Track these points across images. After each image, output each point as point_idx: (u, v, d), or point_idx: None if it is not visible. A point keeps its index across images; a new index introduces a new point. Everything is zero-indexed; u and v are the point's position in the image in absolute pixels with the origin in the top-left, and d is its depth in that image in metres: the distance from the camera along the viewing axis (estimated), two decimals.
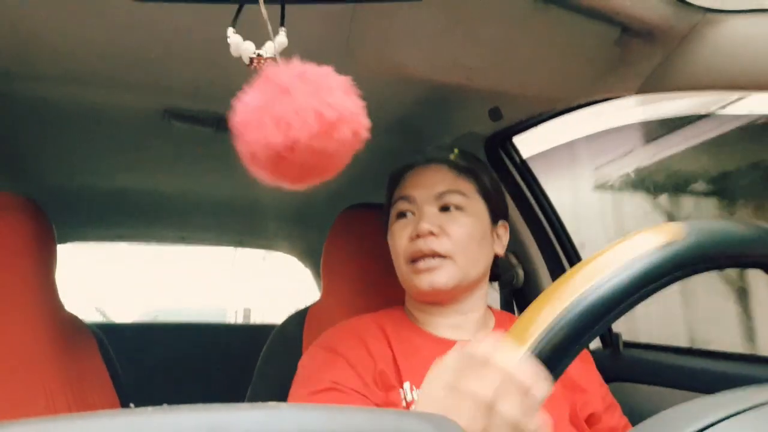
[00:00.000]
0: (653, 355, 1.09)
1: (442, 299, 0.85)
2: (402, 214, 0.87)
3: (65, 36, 0.85)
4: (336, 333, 0.86)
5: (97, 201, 1.68)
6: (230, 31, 0.43)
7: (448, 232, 0.82)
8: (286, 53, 0.44)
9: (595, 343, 1.19)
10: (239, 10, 0.45)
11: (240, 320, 8.11)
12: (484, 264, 0.87)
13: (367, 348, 0.81)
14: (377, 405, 0.75)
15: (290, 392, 0.81)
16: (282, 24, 0.45)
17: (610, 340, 1.16)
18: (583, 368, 0.86)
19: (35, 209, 0.99)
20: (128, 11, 0.79)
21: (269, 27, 0.43)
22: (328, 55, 0.89)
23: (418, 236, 0.82)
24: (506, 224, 0.93)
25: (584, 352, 0.91)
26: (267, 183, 0.43)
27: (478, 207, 0.87)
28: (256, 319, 8.19)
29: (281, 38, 0.44)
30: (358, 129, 0.40)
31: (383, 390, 0.77)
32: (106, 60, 0.92)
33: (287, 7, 0.48)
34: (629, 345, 1.16)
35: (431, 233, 0.82)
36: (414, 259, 0.83)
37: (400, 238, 0.85)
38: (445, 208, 0.85)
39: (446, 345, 0.83)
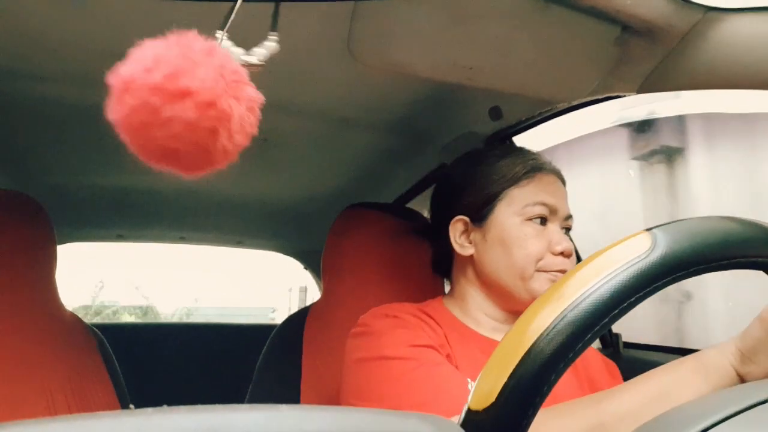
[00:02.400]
0: (653, 356, 1.09)
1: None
2: (543, 221, 0.85)
3: (66, 35, 0.85)
4: (392, 308, 0.82)
5: (96, 200, 1.68)
6: (220, 34, 0.43)
7: (571, 257, 0.84)
8: (286, 51, 0.44)
9: (595, 344, 1.19)
10: (231, 13, 0.44)
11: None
12: None
13: (428, 329, 0.79)
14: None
15: (361, 351, 0.77)
16: (274, 28, 0.45)
17: (610, 340, 1.16)
18: (611, 383, 0.85)
19: (35, 207, 0.98)
20: (128, 11, 0.79)
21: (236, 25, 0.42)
22: (327, 54, 0.90)
23: (561, 254, 0.82)
24: None
25: (613, 366, 0.90)
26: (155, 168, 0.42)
27: None
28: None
29: (271, 43, 0.43)
30: (219, 128, 0.38)
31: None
32: (107, 59, 0.92)
33: (287, 5, 0.48)
34: (629, 345, 1.16)
35: (568, 256, 0.83)
36: (549, 271, 0.82)
37: (537, 244, 0.83)
38: (566, 230, 0.87)
39: (492, 344, 0.82)
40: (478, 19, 0.74)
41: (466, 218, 0.88)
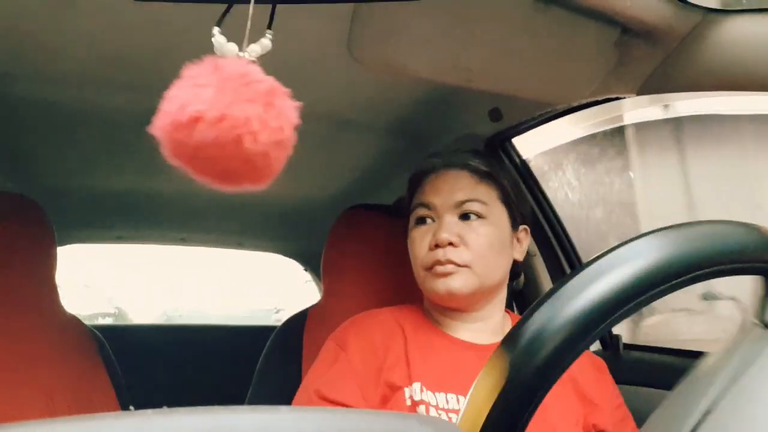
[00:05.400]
0: (653, 357, 1.09)
1: (459, 304, 0.85)
2: (421, 220, 0.87)
3: (65, 37, 0.85)
4: (350, 328, 0.86)
5: (96, 202, 1.68)
6: (215, 30, 0.43)
7: (467, 242, 0.82)
8: (286, 52, 0.44)
9: (595, 345, 1.19)
10: (227, 10, 0.45)
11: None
12: (502, 271, 0.86)
13: (377, 345, 0.82)
14: (371, 407, 0.76)
15: (302, 384, 0.84)
16: (270, 27, 0.45)
17: (610, 342, 1.16)
18: (597, 379, 0.86)
19: (35, 209, 0.99)
20: (128, 11, 0.79)
21: (248, 26, 0.42)
22: (328, 57, 0.90)
23: (437, 245, 0.82)
24: (527, 229, 0.92)
25: (600, 363, 0.90)
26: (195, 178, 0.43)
27: (498, 214, 0.86)
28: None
29: (265, 41, 0.44)
30: (241, 135, 0.38)
31: (386, 390, 0.78)
32: (106, 61, 0.92)
33: (287, 8, 0.48)
34: (629, 347, 1.15)
35: (450, 243, 0.82)
36: (431, 267, 0.83)
37: (420, 246, 0.85)
38: (464, 216, 0.85)
39: (465, 347, 0.84)
40: (477, 21, 0.74)
41: None
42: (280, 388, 1.06)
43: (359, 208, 1.16)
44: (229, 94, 0.39)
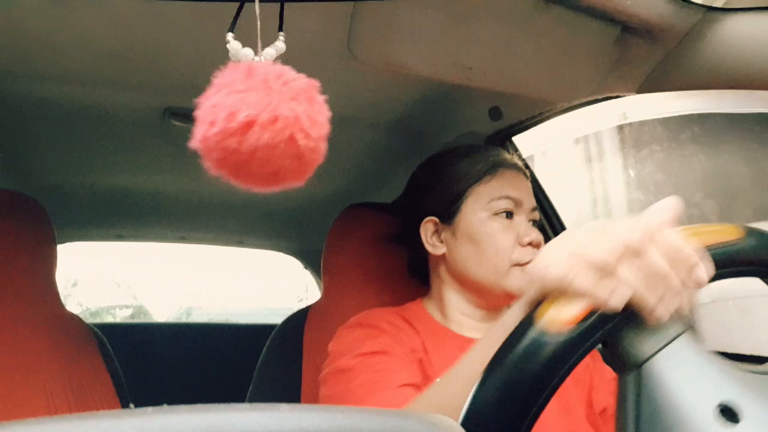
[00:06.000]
0: None
1: (508, 304, 0.85)
2: (509, 214, 0.86)
3: (66, 35, 0.85)
4: (368, 315, 0.85)
5: (96, 200, 1.68)
6: (229, 36, 0.43)
7: (539, 248, 0.84)
8: (287, 52, 0.44)
9: None
10: (238, 14, 0.45)
11: None
12: None
13: (401, 336, 0.81)
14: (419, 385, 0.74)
15: (328, 364, 0.80)
16: (280, 29, 0.45)
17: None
18: (591, 364, 0.87)
19: (35, 207, 0.98)
20: (128, 10, 0.79)
21: (258, 29, 0.42)
22: (327, 54, 0.90)
23: (530, 244, 0.83)
24: None
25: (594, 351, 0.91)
26: (227, 180, 0.43)
27: None
28: None
29: (280, 44, 0.44)
30: (294, 133, 0.40)
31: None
32: (106, 59, 0.92)
33: (287, 6, 0.48)
34: None
35: (538, 246, 0.84)
36: (521, 264, 0.83)
37: (505, 239, 0.84)
38: (533, 223, 0.87)
39: (471, 344, 0.83)
40: (478, 19, 0.74)
41: (436, 218, 0.89)
42: (281, 386, 1.07)
43: (360, 206, 1.16)
44: (274, 96, 0.40)
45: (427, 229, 0.90)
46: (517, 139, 1.20)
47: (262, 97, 0.39)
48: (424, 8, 0.71)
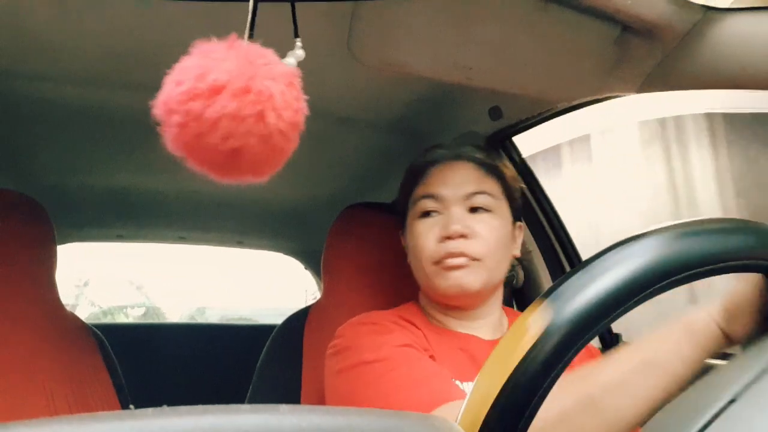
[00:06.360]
0: None
1: (465, 302, 0.83)
2: (427, 213, 0.84)
3: (66, 36, 0.85)
4: (369, 316, 0.83)
5: (96, 201, 1.68)
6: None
7: (479, 235, 0.80)
8: (285, 50, 0.44)
9: (595, 343, 1.19)
10: (253, 21, 0.43)
11: None
12: (506, 266, 0.85)
13: (410, 333, 0.79)
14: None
15: (347, 357, 0.76)
16: (296, 35, 0.44)
17: (610, 340, 1.16)
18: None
19: (35, 208, 0.98)
20: (129, 11, 0.79)
21: (247, 24, 0.41)
22: (327, 54, 0.90)
23: (448, 238, 0.80)
24: (522, 225, 0.92)
25: (596, 351, 0.91)
26: (196, 171, 0.40)
27: (503, 208, 0.86)
28: None
29: (299, 52, 0.43)
30: (265, 110, 0.37)
31: None
32: (106, 60, 0.92)
33: (285, 5, 0.48)
34: None
35: (462, 235, 0.80)
36: (440, 261, 0.81)
37: (426, 239, 0.82)
38: (473, 210, 0.83)
39: (474, 341, 0.82)
40: (477, 19, 0.74)
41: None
42: (281, 386, 1.06)
43: (359, 207, 1.16)
44: (250, 69, 0.37)
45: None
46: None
47: (238, 67, 0.37)
48: (424, 8, 0.71)
